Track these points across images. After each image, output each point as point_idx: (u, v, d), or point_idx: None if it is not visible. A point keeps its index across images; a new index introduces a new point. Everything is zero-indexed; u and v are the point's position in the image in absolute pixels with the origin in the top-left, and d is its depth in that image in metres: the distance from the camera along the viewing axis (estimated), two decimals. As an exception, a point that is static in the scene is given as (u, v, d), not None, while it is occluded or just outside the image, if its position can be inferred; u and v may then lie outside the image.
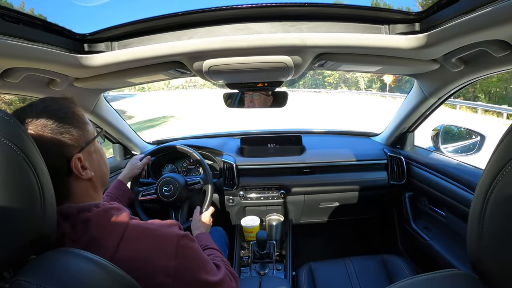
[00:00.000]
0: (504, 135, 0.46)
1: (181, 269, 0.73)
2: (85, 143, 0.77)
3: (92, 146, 0.80)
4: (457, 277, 0.53)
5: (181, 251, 0.74)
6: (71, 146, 0.73)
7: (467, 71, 1.13)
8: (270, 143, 2.04)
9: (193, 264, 0.77)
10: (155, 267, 0.69)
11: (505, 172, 0.42)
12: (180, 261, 0.73)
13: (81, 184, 0.76)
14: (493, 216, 0.44)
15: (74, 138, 0.74)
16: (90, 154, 0.79)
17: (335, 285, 1.54)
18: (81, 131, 0.76)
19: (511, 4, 0.63)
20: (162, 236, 0.73)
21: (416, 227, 1.83)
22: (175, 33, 1.02)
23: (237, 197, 1.95)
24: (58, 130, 0.71)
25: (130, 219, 0.74)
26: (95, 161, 0.81)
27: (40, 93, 1.17)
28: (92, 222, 0.69)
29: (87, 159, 0.77)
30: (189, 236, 0.79)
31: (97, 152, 0.83)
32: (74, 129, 0.74)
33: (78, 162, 0.74)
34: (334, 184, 1.98)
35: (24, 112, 0.71)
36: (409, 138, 2.00)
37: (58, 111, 0.73)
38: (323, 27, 0.98)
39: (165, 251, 0.72)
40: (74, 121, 0.76)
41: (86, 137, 0.78)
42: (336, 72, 42.82)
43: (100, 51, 1.05)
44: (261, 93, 1.58)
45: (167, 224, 0.78)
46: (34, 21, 0.86)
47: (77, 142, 0.75)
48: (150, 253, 0.70)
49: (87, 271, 0.55)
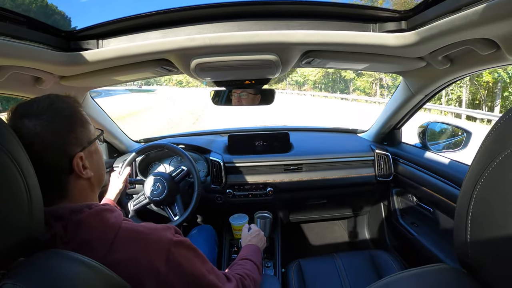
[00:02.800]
0: (489, 132, 0.47)
1: (172, 277, 0.71)
2: (87, 143, 0.77)
3: (93, 146, 0.80)
4: (445, 272, 0.54)
5: (173, 258, 0.72)
6: (74, 144, 0.73)
7: (453, 69, 1.14)
8: (258, 141, 2.04)
9: (186, 274, 0.75)
10: (145, 271, 0.68)
11: (491, 168, 0.43)
12: (171, 268, 0.71)
13: (80, 183, 0.75)
14: (479, 211, 0.45)
15: (78, 137, 0.74)
16: (90, 154, 0.79)
17: (324, 281, 1.55)
18: (85, 130, 0.77)
19: (497, 3, 0.63)
20: (154, 240, 0.72)
21: (403, 222, 1.85)
22: (162, 31, 1.01)
23: (225, 195, 1.94)
24: (63, 128, 0.71)
25: (122, 222, 0.73)
26: (94, 161, 0.80)
27: (26, 92, 1.15)
28: (84, 224, 0.67)
29: (88, 159, 0.77)
30: (185, 244, 0.77)
31: (96, 152, 0.83)
32: (78, 128, 0.75)
33: (80, 161, 0.73)
34: (321, 180, 1.98)
35: (30, 107, 0.70)
36: (396, 134, 2.02)
37: (64, 109, 0.73)
38: (310, 24, 0.98)
39: (155, 256, 0.70)
40: (78, 120, 0.76)
41: (89, 137, 0.78)
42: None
43: (86, 49, 1.02)
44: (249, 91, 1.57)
45: (161, 228, 0.76)
46: (19, 18, 0.84)
47: (80, 141, 0.75)
48: (140, 257, 0.68)
49: (76, 273, 0.54)
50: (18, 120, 0.67)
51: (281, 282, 1.62)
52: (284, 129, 2.40)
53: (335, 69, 13.46)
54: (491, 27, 0.72)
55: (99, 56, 1.02)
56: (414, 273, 0.55)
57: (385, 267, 1.59)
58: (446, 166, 1.53)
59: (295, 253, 1.93)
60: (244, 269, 1.02)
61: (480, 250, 0.45)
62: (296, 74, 49.94)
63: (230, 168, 1.93)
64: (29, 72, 1.01)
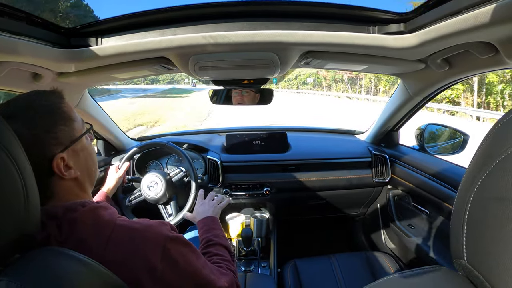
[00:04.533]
0: (487, 135, 0.47)
1: (168, 273, 0.71)
2: (70, 142, 0.73)
3: (78, 144, 0.76)
4: (440, 273, 0.54)
5: (168, 255, 0.71)
6: (53, 145, 0.70)
7: (452, 72, 1.15)
8: (255, 140, 2.04)
9: (182, 270, 0.74)
10: (141, 268, 0.67)
11: (488, 171, 0.43)
12: (167, 265, 0.71)
13: (65, 184, 0.73)
14: (476, 214, 0.45)
15: (58, 136, 0.71)
16: (76, 153, 0.75)
17: (320, 282, 1.55)
18: (66, 128, 0.73)
19: (496, 7, 0.64)
20: (150, 237, 0.71)
21: (400, 224, 1.86)
22: (161, 29, 1.01)
23: (222, 194, 1.93)
24: (40, 127, 0.68)
25: (117, 219, 0.72)
26: (81, 160, 0.77)
27: (24, 88, 1.13)
28: (78, 222, 0.66)
29: (72, 158, 0.74)
30: (180, 240, 0.76)
31: (84, 150, 0.78)
32: (58, 127, 0.71)
33: (60, 162, 0.70)
34: (318, 181, 1.99)
35: (7, 108, 0.68)
36: (394, 136, 2.02)
37: (42, 107, 0.70)
38: (310, 25, 0.98)
39: (150, 253, 0.69)
40: (59, 118, 0.72)
41: (72, 135, 0.74)
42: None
43: (85, 46, 1.02)
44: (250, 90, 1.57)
45: (156, 224, 0.75)
46: (18, 14, 0.83)
47: (61, 140, 0.71)
48: (136, 254, 0.68)
49: (72, 270, 0.54)
50: None
51: (276, 282, 1.62)
52: (282, 129, 2.40)
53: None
54: (490, 30, 0.72)
55: (98, 53, 1.01)
56: (409, 275, 0.56)
57: (381, 269, 1.59)
58: (443, 169, 1.54)
59: (291, 253, 1.93)
60: (224, 261, 0.97)
61: (475, 252, 0.45)
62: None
63: (228, 167, 1.93)
64: (28, 68, 1.00)
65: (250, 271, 1.70)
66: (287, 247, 2.17)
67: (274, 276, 1.70)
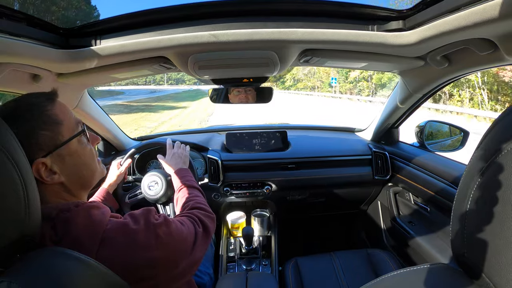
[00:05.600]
0: (487, 132, 0.47)
1: (164, 258, 0.74)
2: (54, 147, 0.73)
3: (65, 149, 0.75)
4: (441, 270, 0.54)
5: (161, 241, 0.74)
6: (34, 150, 0.69)
7: (452, 69, 1.14)
8: (255, 139, 2.04)
9: (176, 249, 0.78)
10: (138, 261, 0.69)
11: (487, 167, 0.43)
12: (162, 251, 0.73)
13: (51, 189, 0.73)
14: (476, 210, 0.45)
15: (38, 142, 0.70)
16: (61, 158, 0.74)
17: (321, 280, 1.56)
18: (49, 134, 0.72)
19: (496, 3, 0.64)
20: (140, 230, 0.72)
21: (400, 221, 1.86)
22: (160, 28, 1.00)
23: (223, 193, 1.94)
24: (22, 132, 0.66)
25: (110, 218, 0.73)
26: (68, 165, 0.76)
27: (24, 90, 1.13)
28: (72, 223, 0.67)
29: (57, 163, 0.73)
30: (166, 221, 0.79)
31: (73, 154, 0.77)
32: (39, 133, 0.70)
33: (41, 167, 0.70)
34: (319, 179, 1.99)
35: (4, 109, 0.69)
36: (394, 133, 2.02)
37: (26, 112, 0.70)
38: (309, 23, 0.98)
39: (145, 245, 0.71)
40: (41, 123, 0.71)
41: (56, 140, 0.73)
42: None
43: (84, 46, 1.01)
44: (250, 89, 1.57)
45: (143, 215, 0.77)
46: (17, 15, 0.83)
47: (42, 146, 0.71)
48: (131, 249, 0.69)
49: (72, 269, 0.55)
50: None
51: (278, 280, 1.63)
52: (282, 127, 2.40)
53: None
54: (489, 27, 0.72)
55: (97, 54, 1.01)
56: (410, 271, 0.56)
57: (382, 266, 1.59)
58: (443, 165, 1.54)
59: (292, 251, 1.93)
60: (196, 197, 1.14)
61: (476, 249, 0.46)
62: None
63: (228, 166, 1.93)
64: (27, 69, 1.00)
65: (252, 269, 1.71)
66: (288, 245, 2.17)
67: (275, 274, 1.70)
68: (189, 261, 0.82)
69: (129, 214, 0.77)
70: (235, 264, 1.79)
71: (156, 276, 0.72)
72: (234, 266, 1.78)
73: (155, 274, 0.72)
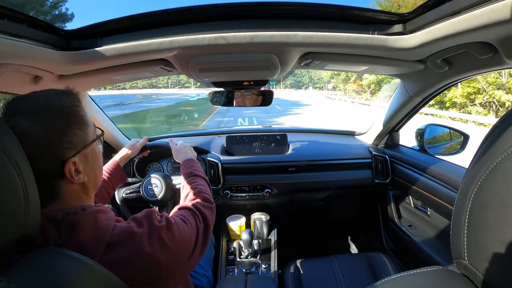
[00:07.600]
0: (486, 136, 0.47)
1: (168, 260, 0.73)
2: (82, 147, 0.73)
3: (89, 149, 0.76)
4: (441, 273, 0.54)
5: (165, 244, 0.74)
6: (67, 148, 0.69)
7: (451, 73, 1.15)
8: (256, 142, 2.04)
9: (179, 251, 0.78)
10: (142, 265, 0.69)
11: (488, 171, 0.43)
12: (166, 254, 0.73)
13: (72, 188, 0.73)
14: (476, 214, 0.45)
15: (72, 140, 0.70)
16: (86, 158, 0.75)
17: (320, 283, 1.55)
18: (80, 133, 0.73)
19: (496, 7, 0.64)
20: (144, 234, 0.72)
21: (400, 225, 1.85)
22: (161, 31, 1.01)
23: (223, 196, 1.94)
24: (56, 130, 0.67)
25: (115, 222, 0.73)
26: (90, 165, 0.77)
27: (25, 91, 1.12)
28: (77, 226, 0.66)
29: (82, 163, 0.73)
30: (169, 223, 0.79)
31: (93, 155, 0.78)
32: (72, 131, 0.71)
33: (72, 166, 0.70)
34: (319, 182, 1.98)
35: (24, 103, 0.67)
36: (394, 137, 2.02)
37: (59, 110, 0.70)
38: (310, 26, 0.98)
39: (149, 249, 0.70)
40: (75, 122, 0.72)
41: (85, 140, 0.74)
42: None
43: (85, 48, 1.02)
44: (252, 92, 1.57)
45: (144, 217, 0.76)
46: (19, 16, 0.84)
47: (74, 145, 0.71)
48: (135, 254, 0.69)
49: (71, 270, 0.54)
50: (11, 117, 0.64)
51: (277, 283, 1.62)
52: (282, 130, 2.40)
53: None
54: (489, 30, 0.72)
55: (98, 55, 1.01)
56: (410, 275, 0.56)
57: (381, 269, 1.59)
58: (443, 169, 1.54)
59: (292, 255, 1.93)
60: (201, 185, 1.17)
61: (476, 253, 0.46)
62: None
63: (228, 169, 1.93)
64: (28, 70, 1.00)
65: (251, 272, 1.71)
66: (288, 248, 2.17)
67: (275, 278, 1.70)
68: (191, 260, 0.82)
69: (132, 218, 0.76)
70: (234, 267, 1.79)
71: (160, 279, 0.72)
72: (234, 269, 1.78)
73: (159, 277, 0.71)
